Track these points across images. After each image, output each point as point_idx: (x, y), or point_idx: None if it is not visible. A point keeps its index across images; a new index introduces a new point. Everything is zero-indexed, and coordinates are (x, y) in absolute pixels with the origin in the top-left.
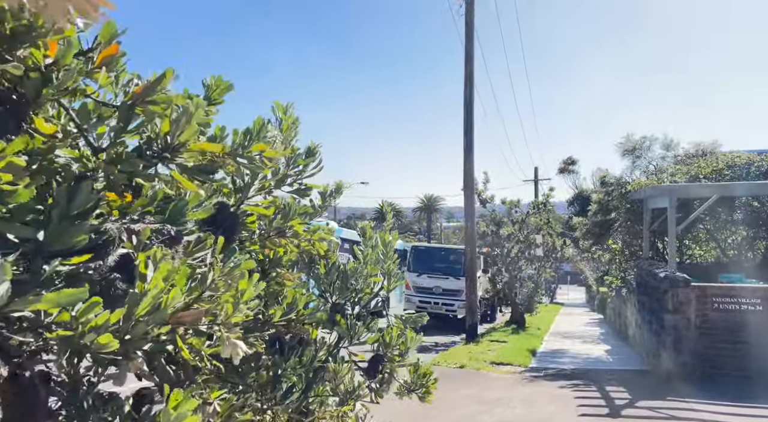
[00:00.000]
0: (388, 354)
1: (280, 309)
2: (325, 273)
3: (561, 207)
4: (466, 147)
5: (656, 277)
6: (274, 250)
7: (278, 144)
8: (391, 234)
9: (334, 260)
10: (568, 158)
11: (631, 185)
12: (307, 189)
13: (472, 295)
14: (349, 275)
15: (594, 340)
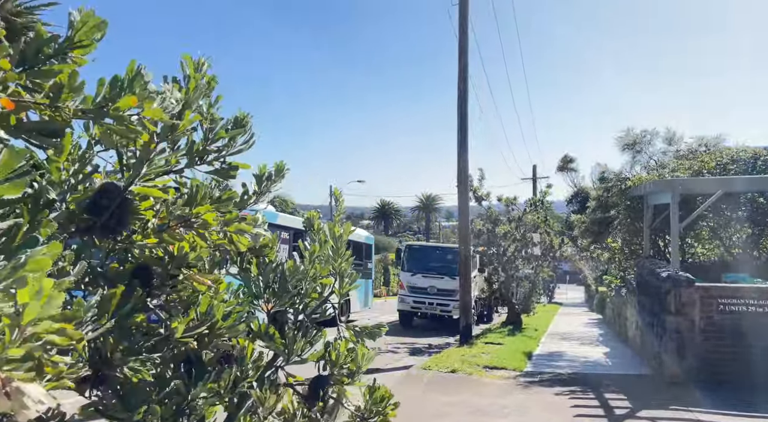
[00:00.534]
0: (335, 375)
1: (185, 322)
2: (258, 274)
3: (560, 206)
4: (460, 142)
5: (658, 277)
6: (179, 246)
7: (174, 106)
8: (342, 226)
9: (272, 257)
10: (566, 156)
11: (632, 181)
12: (232, 168)
13: (467, 295)
14: (289, 276)
15: (592, 342)
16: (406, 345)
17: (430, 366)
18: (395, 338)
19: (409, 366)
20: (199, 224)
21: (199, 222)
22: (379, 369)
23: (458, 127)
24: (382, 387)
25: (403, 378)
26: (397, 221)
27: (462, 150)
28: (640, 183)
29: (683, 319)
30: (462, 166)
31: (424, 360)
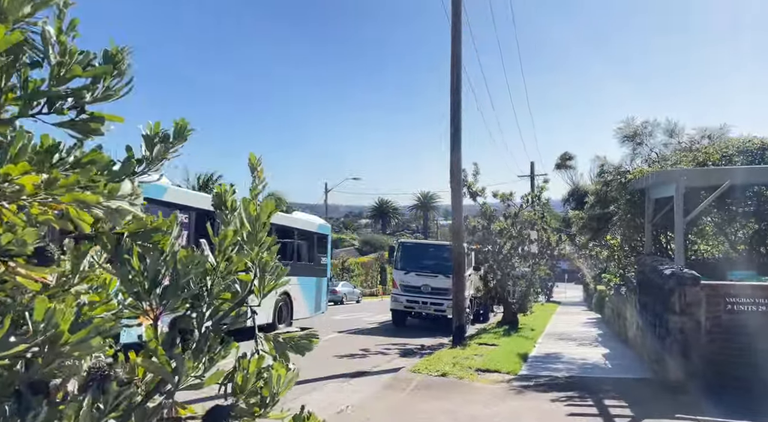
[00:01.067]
0: (239, 404)
1: None
2: (141, 269)
3: (558, 205)
4: (453, 134)
5: (661, 275)
6: None
7: None
8: (260, 205)
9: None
10: (564, 154)
11: (632, 174)
12: (94, 120)
13: (460, 294)
14: (183, 270)
15: (591, 342)
16: (397, 345)
17: (419, 369)
18: (386, 338)
19: (398, 369)
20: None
21: (14, 188)
22: (366, 372)
23: (451, 119)
24: (313, 418)
25: (389, 382)
26: (395, 219)
27: (455, 143)
28: (641, 176)
29: (688, 320)
30: (455, 160)
31: (415, 362)
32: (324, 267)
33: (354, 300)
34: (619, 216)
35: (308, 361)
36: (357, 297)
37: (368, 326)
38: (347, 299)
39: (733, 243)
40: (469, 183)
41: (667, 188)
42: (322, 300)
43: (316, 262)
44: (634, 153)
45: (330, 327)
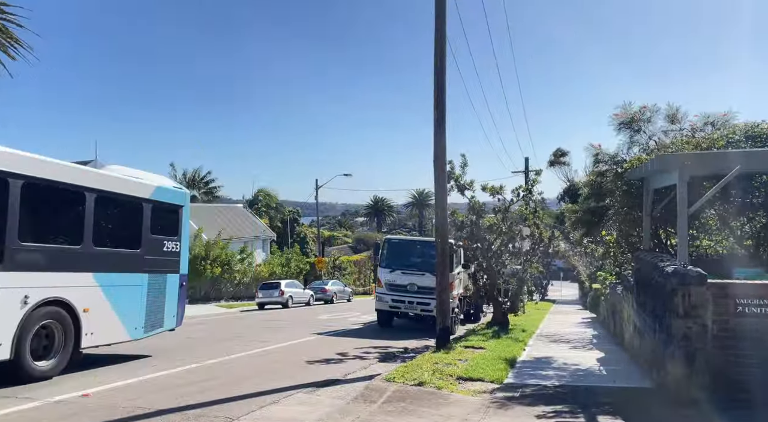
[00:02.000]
0: None
1: None
2: None
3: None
4: (437, 120)
5: (662, 273)
6: None
7: None
8: None
9: None
10: (557, 150)
11: (629, 162)
12: None
13: (444, 294)
14: None
15: (585, 345)
16: (378, 349)
17: (394, 378)
18: (368, 341)
19: (374, 376)
20: None
21: None
22: (337, 380)
23: (435, 103)
24: None
25: (361, 392)
26: (391, 217)
27: (439, 128)
28: (639, 164)
29: (693, 323)
30: (439, 148)
31: (395, 367)
32: (172, 259)
33: (345, 299)
34: (615, 210)
35: (277, 366)
36: (348, 295)
37: (352, 327)
38: (337, 298)
39: (740, 238)
40: (456, 175)
41: (668, 176)
42: (166, 312)
43: (151, 249)
44: (631, 141)
45: (310, 329)
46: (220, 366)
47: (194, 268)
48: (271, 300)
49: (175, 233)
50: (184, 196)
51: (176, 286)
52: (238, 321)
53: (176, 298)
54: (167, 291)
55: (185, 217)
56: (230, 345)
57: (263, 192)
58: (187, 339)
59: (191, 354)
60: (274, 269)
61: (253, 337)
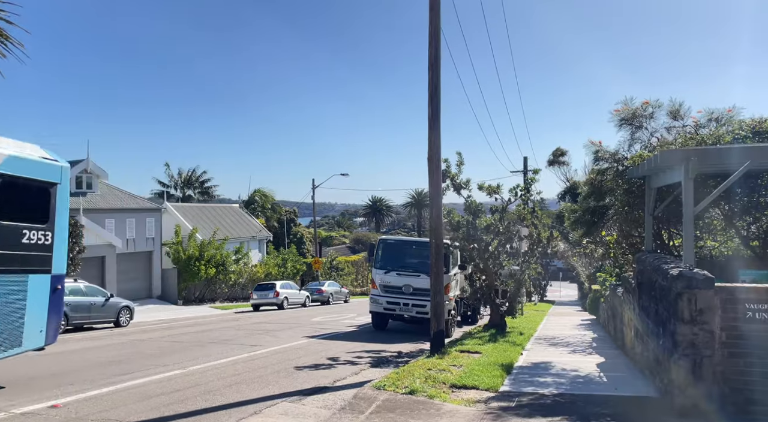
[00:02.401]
0: None
1: None
2: None
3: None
4: (431, 116)
5: (666, 275)
6: None
7: None
8: None
9: None
10: (557, 149)
11: (631, 159)
12: None
13: (438, 296)
14: None
15: (584, 349)
16: (371, 353)
17: (385, 386)
18: (361, 344)
19: (364, 383)
20: None
21: None
22: (325, 387)
23: (429, 97)
24: None
25: (347, 402)
26: (390, 218)
27: (433, 124)
28: (641, 161)
29: (699, 330)
30: (433, 144)
31: (387, 373)
32: (37, 254)
33: (342, 300)
34: (616, 209)
35: (264, 372)
36: (345, 296)
37: (346, 329)
38: (334, 299)
39: (745, 239)
40: (452, 174)
41: (671, 173)
42: (27, 326)
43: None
44: (632, 138)
45: (303, 332)
46: (203, 373)
47: (188, 269)
48: (266, 302)
49: (45, 220)
50: (60, 170)
51: (45, 291)
52: (230, 323)
53: (45, 307)
54: (28, 298)
55: (61, 199)
56: (217, 350)
57: (259, 192)
58: (172, 344)
59: (174, 359)
60: (270, 270)
61: (242, 341)
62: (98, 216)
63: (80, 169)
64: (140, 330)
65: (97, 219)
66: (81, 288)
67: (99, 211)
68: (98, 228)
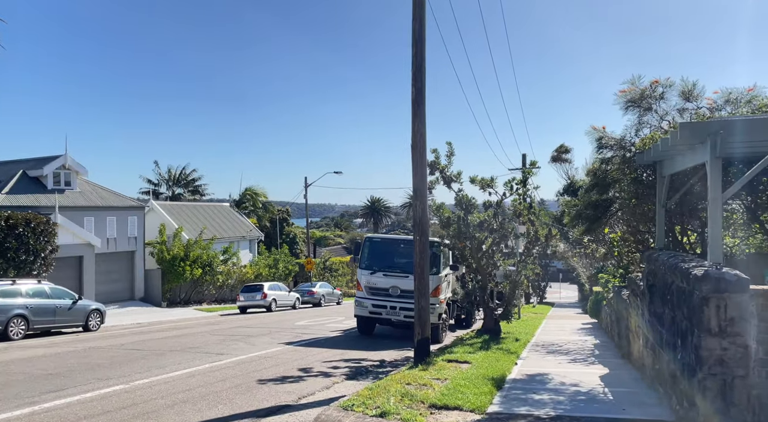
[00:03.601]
0: None
1: None
2: None
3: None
4: (415, 99)
5: (686, 276)
6: None
7: None
8: None
9: None
10: (561, 146)
11: (642, 140)
12: None
13: (423, 300)
14: None
15: (586, 357)
16: (350, 362)
17: (353, 405)
18: (342, 351)
19: (333, 400)
20: None
21: None
22: (287, 406)
23: (413, 77)
24: None
25: None
26: (389, 218)
27: (418, 106)
28: (652, 144)
29: (730, 343)
30: (418, 128)
31: (363, 386)
32: None
33: (334, 302)
34: (621, 202)
35: (221, 387)
36: (337, 298)
37: (330, 334)
38: (326, 301)
39: None
40: (441, 166)
41: (689, 156)
42: None
43: None
44: (640, 122)
45: (282, 337)
46: (148, 388)
47: (172, 269)
48: (253, 304)
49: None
50: None
51: None
52: (208, 327)
53: None
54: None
55: None
56: (177, 360)
57: (251, 190)
58: (130, 352)
59: (123, 371)
60: (260, 270)
61: (211, 348)
62: (76, 215)
63: (57, 165)
64: (107, 335)
65: (75, 217)
66: (45, 290)
67: (77, 209)
68: (75, 227)
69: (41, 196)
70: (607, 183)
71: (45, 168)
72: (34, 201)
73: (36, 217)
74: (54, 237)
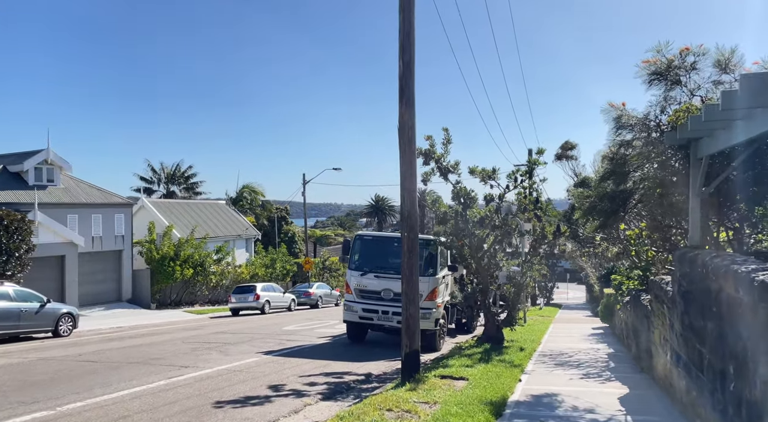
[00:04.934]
0: None
1: None
2: None
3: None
4: (403, 73)
5: (749, 284)
6: None
7: None
8: None
9: None
10: (566, 143)
11: (674, 113)
12: None
13: (412, 307)
14: None
15: (600, 371)
16: (331, 376)
17: None
18: (325, 363)
19: None
20: None
21: None
22: None
23: (400, 48)
24: None
25: None
26: (393, 218)
27: (405, 84)
28: (686, 117)
29: None
30: (406, 109)
31: (339, 409)
32: None
33: (332, 303)
34: (645, 192)
35: (163, 414)
36: (336, 299)
37: (317, 341)
38: (323, 302)
39: None
40: (437, 155)
41: (744, 126)
42: None
43: None
44: (666, 98)
45: (263, 345)
46: (78, 415)
47: (161, 270)
48: (245, 306)
49: None
50: None
51: None
52: (187, 332)
53: None
54: None
55: None
56: (131, 375)
57: (248, 187)
58: (81, 365)
59: (59, 391)
60: (256, 270)
61: (176, 360)
62: (59, 212)
63: (39, 160)
64: (75, 342)
65: (58, 214)
66: (8, 293)
67: (60, 206)
68: (57, 225)
69: (21, 192)
70: (626, 170)
71: (26, 163)
72: (14, 197)
73: (9, 214)
74: (29, 236)
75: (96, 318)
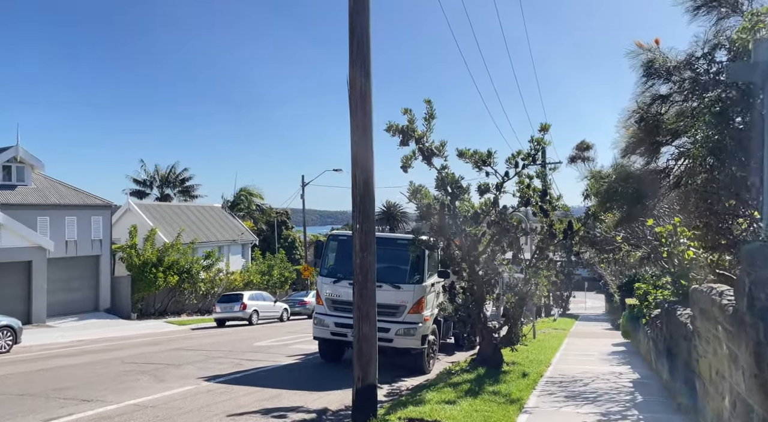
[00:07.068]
0: None
1: None
2: None
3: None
4: (353, 7)
5: None
6: None
7: None
8: None
9: None
10: (582, 142)
11: (742, 28)
12: None
13: (366, 326)
14: None
15: (623, 408)
16: (273, 414)
17: None
18: (276, 393)
19: None
20: None
21: None
22: None
23: None
24: None
25: None
26: (405, 224)
27: (356, 18)
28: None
29: None
30: (357, 57)
31: None
32: None
33: None
34: (691, 163)
35: None
36: None
37: (283, 361)
38: None
39: None
40: (417, 133)
41: None
42: None
43: None
44: (716, 32)
45: (215, 367)
46: None
47: (142, 276)
48: (231, 316)
49: None
50: None
51: None
52: (140, 348)
53: None
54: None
55: None
56: (3, 412)
57: (246, 191)
58: None
59: None
60: (251, 278)
61: (86, 390)
62: (27, 214)
63: (7, 158)
64: (4, 361)
65: (26, 216)
66: None
67: (29, 207)
68: (23, 228)
69: None
70: (658, 139)
71: None
72: None
73: None
74: None
75: (63, 329)
